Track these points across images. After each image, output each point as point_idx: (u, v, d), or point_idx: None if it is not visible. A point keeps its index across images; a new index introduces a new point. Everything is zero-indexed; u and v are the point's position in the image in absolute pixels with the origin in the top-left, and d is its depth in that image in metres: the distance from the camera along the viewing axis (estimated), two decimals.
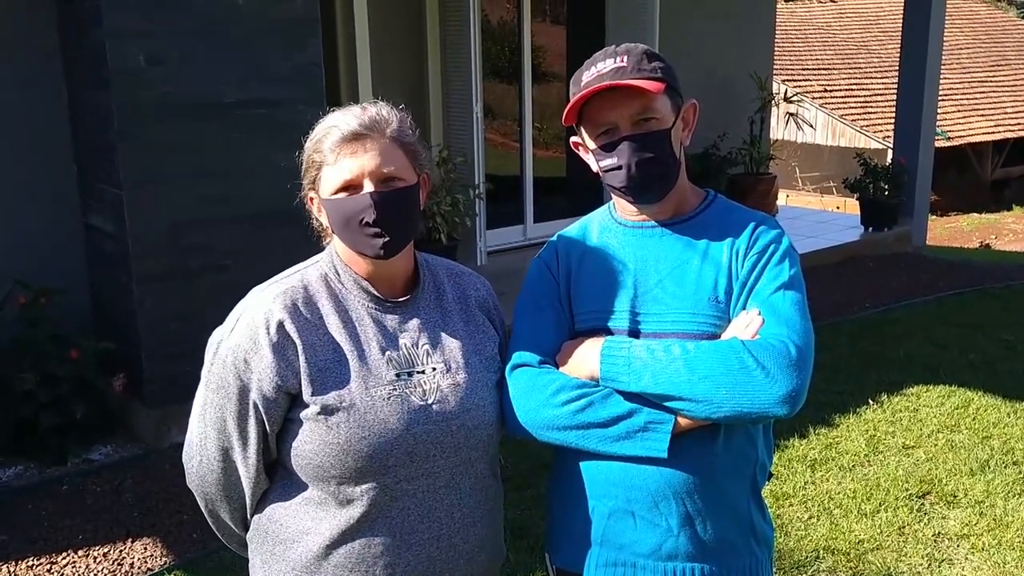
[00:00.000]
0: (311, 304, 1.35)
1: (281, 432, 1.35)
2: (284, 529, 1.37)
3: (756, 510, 1.51)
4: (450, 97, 6.01)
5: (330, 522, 1.33)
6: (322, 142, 1.34)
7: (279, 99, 3.68)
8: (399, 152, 1.34)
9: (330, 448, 1.30)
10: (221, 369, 1.34)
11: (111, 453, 3.67)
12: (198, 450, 1.39)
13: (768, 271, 1.43)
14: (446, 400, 1.36)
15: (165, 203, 3.58)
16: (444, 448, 1.36)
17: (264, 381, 1.31)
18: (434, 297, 1.45)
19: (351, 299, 1.38)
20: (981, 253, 9.56)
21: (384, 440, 1.31)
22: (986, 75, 16.58)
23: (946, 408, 4.11)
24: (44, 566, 2.93)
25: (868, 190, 7.15)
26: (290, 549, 1.36)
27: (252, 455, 1.35)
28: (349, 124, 1.32)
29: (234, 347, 1.33)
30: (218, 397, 1.35)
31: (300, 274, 1.40)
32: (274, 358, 1.30)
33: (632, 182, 1.43)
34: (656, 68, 1.43)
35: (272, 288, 1.37)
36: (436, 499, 1.36)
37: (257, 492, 1.39)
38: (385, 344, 1.36)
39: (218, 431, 1.36)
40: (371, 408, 1.31)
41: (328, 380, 1.31)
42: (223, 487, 1.40)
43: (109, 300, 3.94)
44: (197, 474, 1.41)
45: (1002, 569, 2.87)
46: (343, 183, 1.32)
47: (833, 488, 3.39)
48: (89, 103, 3.77)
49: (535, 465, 3.35)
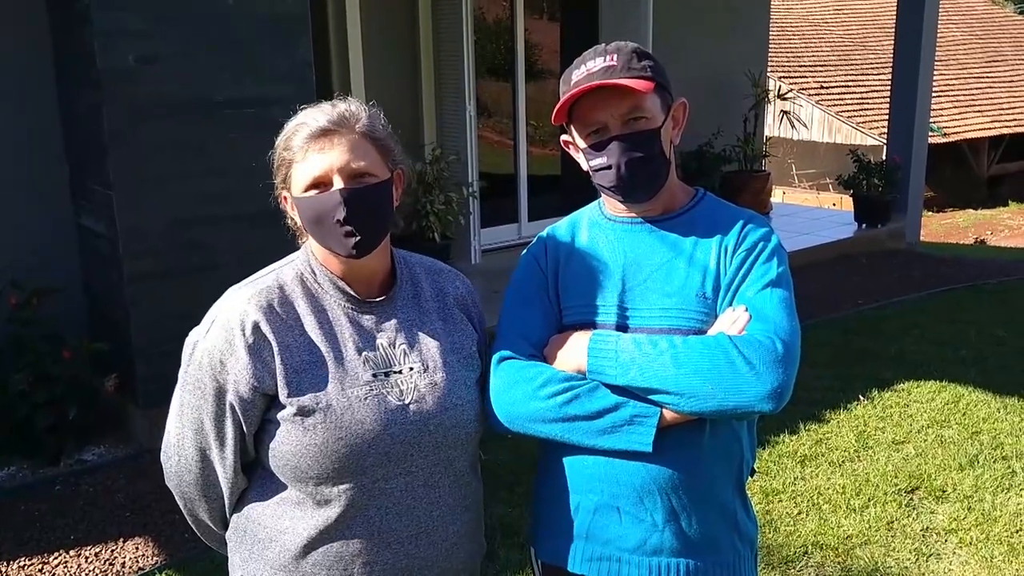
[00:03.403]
0: (287, 304, 1.35)
1: (259, 432, 1.35)
2: (262, 528, 1.37)
3: (740, 506, 1.52)
4: (443, 95, 6.01)
5: (308, 522, 1.33)
6: (291, 139, 1.33)
7: (271, 98, 3.68)
8: (370, 147, 1.33)
9: (307, 449, 1.30)
10: (197, 370, 1.34)
11: (104, 453, 3.68)
12: (176, 450, 1.39)
13: (756, 269, 1.44)
14: (424, 400, 1.36)
15: (157, 203, 3.59)
16: (422, 448, 1.36)
17: (240, 383, 1.31)
18: (411, 296, 1.45)
19: (327, 299, 1.38)
20: (975, 249, 9.57)
21: (361, 441, 1.30)
22: (982, 71, 16.57)
23: (936, 404, 4.12)
24: (36, 566, 2.94)
25: (862, 186, 7.16)
26: (268, 548, 1.37)
27: (229, 455, 1.35)
28: (318, 120, 1.32)
29: (210, 348, 1.33)
30: (195, 398, 1.35)
31: (275, 274, 1.39)
32: (250, 359, 1.30)
33: (622, 182, 1.44)
34: (646, 67, 1.43)
35: (247, 288, 1.36)
36: (414, 498, 1.36)
37: (235, 492, 1.40)
38: (362, 344, 1.36)
39: (195, 431, 1.36)
40: (347, 409, 1.31)
41: (304, 381, 1.31)
42: (201, 487, 1.40)
43: (102, 300, 3.95)
44: (175, 474, 1.41)
45: (990, 563, 2.89)
46: (312, 180, 1.31)
47: (822, 484, 3.40)
48: (80, 103, 3.78)
49: (527, 463, 3.36)
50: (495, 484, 3.34)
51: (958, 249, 8.84)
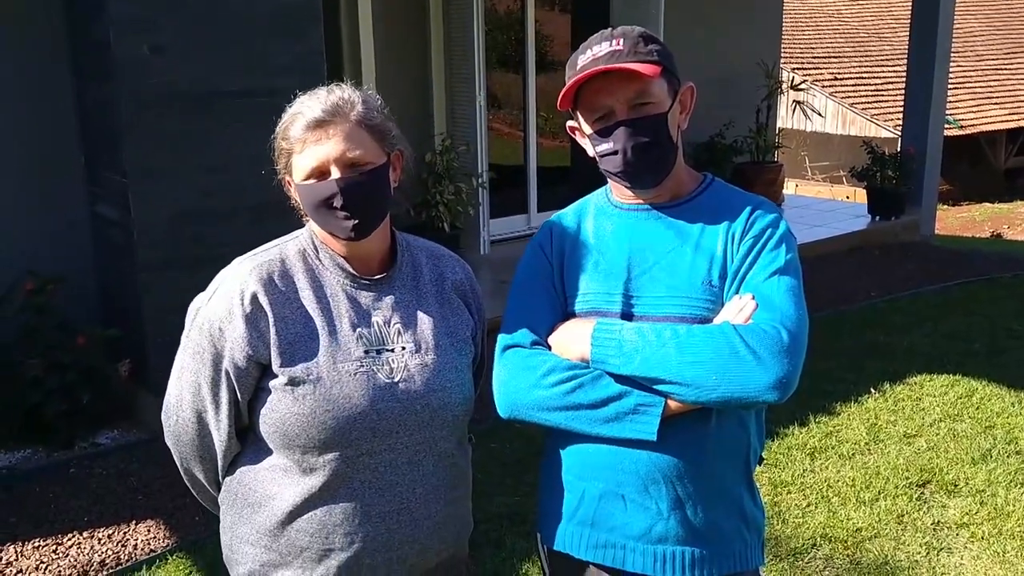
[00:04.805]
0: (287, 277, 1.39)
1: (252, 400, 1.39)
2: (252, 492, 1.41)
3: (747, 495, 1.51)
4: (454, 86, 6.00)
5: (293, 488, 1.37)
6: (288, 129, 1.37)
7: (282, 88, 3.66)
8: (365, 135, 1.36)
9: (295, 418, 1.33)
10: (198, 335, 1.38)
11: (117, 438, 3.72)
12: (175, 410, 1.44)
13: (764, 256, 1.42)
14: (412, 379, 1.39)
15: (170, 191, 3.61)
16: (407, 426, 1.38)
17: (236, 350, 1.35)
18: (410, 277, 1.47)
19: (326, 275, 1.41)
20: (991, 243, 9.49)
21: (348, 414, 1.34)
22: (1001, 63, 16.37)
23: (949, 397, 4.10)
24: (50, 547, 2.98)
25: (875, 179, 7.10)
26: (257, 512, 1.41)
27: (224, 419, 1.39)
28: (313, 111, 1.34)
29: (210, 315, 1.37)
30: (194, 362, 1.39)
31: (279, 248, 1.43)
32: (246, 329, 1.34)
33: (628, 167, 1.43)
34: (652, 51, 1.42)
35: (251, 260, 1.40)
36: (398, 474, 1.39)
37: (228, 455, 1.44)
38: (357, 320, 1.39)
39: (192, 394, 1.40)
40: (337, 382, 1.34)
41: (297, 353, 1.35)
42: (196, 448, 1.44)
43: (116, 288, 3.98)
44: (173, 433, 1.46)
45: (1002, 558, 2.87)
46: (310, 171, 1.35)
47: (832, 476, 3.39)
48: (95, 93, 3.80)
49: (534, 452, 3.36)
50: (503, 473, 3.35)
51: (974, 243, 8.77)
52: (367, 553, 1.38)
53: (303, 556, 1.39)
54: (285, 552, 1.39)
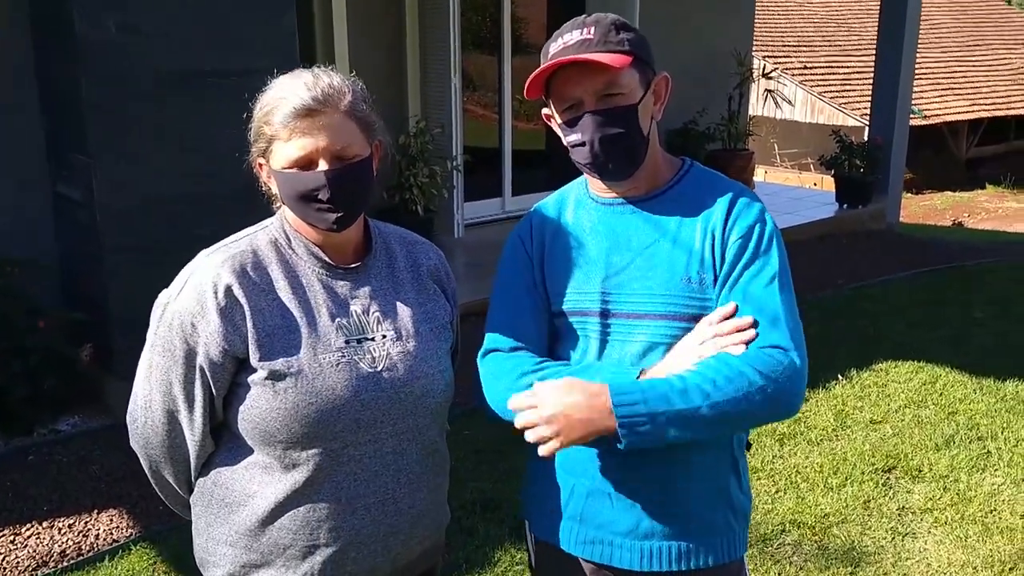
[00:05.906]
0: (260, 269, 1.34)
1: (228, 396, 1.34)
2: (229, 492, 1.37)
3: (735, 482, 1.50)
4: (428, 67, 5.93)
5: (275, 486, 1.33)
6: (272, 114, 1.31)
7: (253, 69, 3.58)
8: (353, 126, 1.32)
9: (277, 413, 1.30)
10: (167, 332, 1.33)
11: (79, 424, 3.64)
12: (143, 412, 1.38)
13: (757, 261, 1.39)
14: (395, 368, 1.37)
15: (139, 173, 3.51)
16: (392, 415, 1.36)
17: (211, 345, 1.30)
18: (386, 264, 1.45)
19: (301, 265, 1.37)
20: (953, 231, 9.69)
21: (332, 406, 1.31)
22: (963, 55, 16.66)
23: (914, 384, 4.18)
24: (8, 537, 2.90)
25: (843, 167, 7.19)
26: (235, 512, 1.37)
27: (198, 418, 1.35)
28: (302, 98, 1.29)
29: (180, 310, 1.32)
30: (164, 360, 1.34)
31: (249, 239, 1.38)
32: (221, 322, 1.30)
33: (596, 158, 1.40)
34: (624, 40, 1.38)
35: (220, 252, 1.35)
36: (383, 464, 1.36)
37: (202, 455, 1.39)
38: (335, 311, 1.36)
39: (163, 394, 1.35)
40: (319, 374, 1.31)
41: (276, 345, 1.31)
42: (167, 449, 1.39)
43: (80, 270, 3.88)
44: (141, 435, 1.41)
45: (964, 543, 2.94)
46: (295, 160, 1.30)
47: (800, 462, 3.44)
48: (58, 70, 3.67)
49: (509, 439, 3.36)
50: (477, 459, 3.34)
51: (936, 231, 8.94)
52: (353, 547, 1.36)
53: (286, 555, 1.35)
54: (267, 552, 1.36)
